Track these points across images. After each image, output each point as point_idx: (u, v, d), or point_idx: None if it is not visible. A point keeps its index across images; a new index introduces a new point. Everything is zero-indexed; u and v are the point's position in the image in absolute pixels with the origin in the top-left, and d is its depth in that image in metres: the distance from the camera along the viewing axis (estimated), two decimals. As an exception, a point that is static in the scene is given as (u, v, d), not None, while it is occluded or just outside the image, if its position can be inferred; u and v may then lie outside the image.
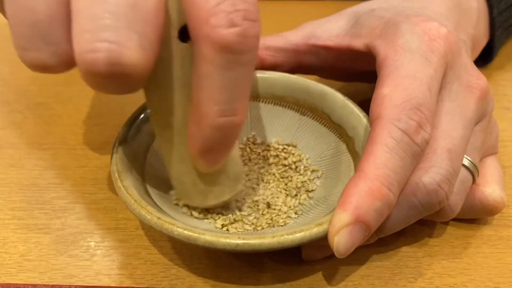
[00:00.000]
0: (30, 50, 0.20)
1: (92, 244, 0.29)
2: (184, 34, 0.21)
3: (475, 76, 0.28)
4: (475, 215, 0.30)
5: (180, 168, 0.26)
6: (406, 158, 0.24)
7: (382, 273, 0.28)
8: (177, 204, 0.28)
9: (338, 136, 0.30)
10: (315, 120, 0.32)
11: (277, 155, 0.32)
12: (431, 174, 0.25)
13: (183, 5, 0.20)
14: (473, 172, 0.28)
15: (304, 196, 0.29)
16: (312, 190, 0.30)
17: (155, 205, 0.26)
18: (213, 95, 0.21)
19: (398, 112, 0.25)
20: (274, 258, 0.28)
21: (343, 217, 0.23)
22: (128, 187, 0.25)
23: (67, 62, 0.20)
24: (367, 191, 0.23)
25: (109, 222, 0.30)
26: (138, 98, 0.39)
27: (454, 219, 0.29)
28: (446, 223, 0.30)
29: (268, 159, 0.31)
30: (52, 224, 0.30)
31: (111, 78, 0.19)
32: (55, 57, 0.20)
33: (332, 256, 0.24)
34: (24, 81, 0.40)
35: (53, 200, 0.31)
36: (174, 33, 0.21)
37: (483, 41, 0.37)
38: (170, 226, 0.23)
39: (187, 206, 0.28)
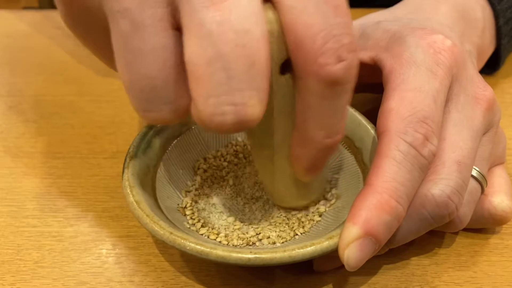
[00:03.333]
0: (151, 111, 0.22)
1: (104, 251, 0.30)
2: (284, 68, 0.22)
3: (481, 88, 0.28)
4: (483, 225, 0.30)
5: (276, 178, 0.27)
6: (414, 171, 0.25)
7: (389, 281, 0.28)
8: (185, 215, 0.29)
9: (346, 148, 0.31)
10: None
11: None
12: (440, 186, 0.25)
13: (288, 45, 0.21)
14: (482, 182, 0.28)
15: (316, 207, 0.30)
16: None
17: (166, 219, 0.26)
18: (320, 122, 0.22)
19: (404, 125, 0.25)
20: (285, 267, 0.29)
21: (353, 231, 0.23)
22: (140, 202, 0.26)
23: (183, 114, 0.22)
24: (376, 205, 0.24)
25: (120, 230, 0.31)
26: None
27: (462, 229, 0.29)
28: (454, 233, 0.30)
29: None
30: (65, 232, 0.31)
31: (234, 130, 0.20)
32: (174, 113, 0.22)
33: (342, 266, 0.24)
34: (38, 91, 0.41)
35: (66, 208, 0.32)
36: (276, 69, 0.22)
37: (489, 50, 0.37)
38: (182, 241, 0.24)
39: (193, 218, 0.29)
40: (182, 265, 0.29)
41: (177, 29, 0.20)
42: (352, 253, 0.23)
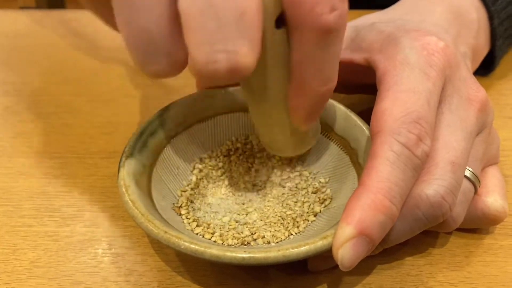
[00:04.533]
0: (150, 64, 0.22)
1: (100, 251, 0.30)
2: (278, 22, 0.23)
3: (474, 89, 0.28)
4: (477, 225, 0.30)
5: (275, 130, 0.28)
6: (407, 171, 0.25)
7: (384, 281, 0.28)
8: (180, 215, 0.29)
9: (341, 148, 0.31)
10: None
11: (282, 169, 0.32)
12: (434, 187, 0.25)
13: (286, 4, 0.22)
14: (475, 183, 0.28)
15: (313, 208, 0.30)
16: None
17: (161, 218, 0.26)
18: (317, 71, 0.23)
19: (397, 125, 0.25)
20: (279, 267, 0.29)
21: (347, 231, 0.24)
22: (135, 201, 0.26)
23: (182, 66, 0.23)
24: (370, 204, 0.24)
25: (116, 230, 0.31)
26: (146, 108, 0.40)
27: (456, 229, 0.29)
28: (448, 233, 0.31)
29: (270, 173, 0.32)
30: (61, 232, 0.31)
31: (226, 78, 0.21)
32: (172, 65, 0.22)
33: (337, 266, 0.24)
34: (35, 91, 0.41)
35: (62, 208, 0.32)
36: (271, 23, 0.23)
37: (484, 51, 0.37)
38: (176, 240, 0.24)
39: (188, 217, 0.29)
40: (178, 264, 0.29)
41: None
42: (346, 252, 0.24)
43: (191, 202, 0.30)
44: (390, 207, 0.24)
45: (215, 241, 0.28)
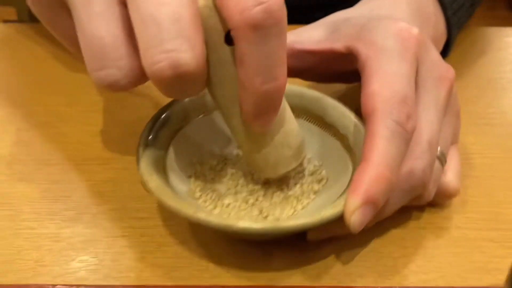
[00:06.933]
0: (101, 69, 0.24)
1: (101, 250, 0.31)
2: (230, 38, 0.25)
3: (445, 69, 0.32)
4: (434, 201, 0.34)
5: (250, 147, 0.30)
6: (401, 145, 0.28)
7: (363, 272, 0.31)
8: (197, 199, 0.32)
9: (331, 135, 0.34)
10: (309, 121, 0.35)
11: None
12: (417, 163, 0.29)
13: (219, 10, 0.24)
14: (443, 161, 0.32)
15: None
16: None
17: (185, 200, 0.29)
18: (255, 68, 0.25)
19: (389, 105, 0.29)
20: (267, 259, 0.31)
21: (356, 201, 0.27)
22: (161, 186, 0.28)
23: (135, 77, 0.25)
24: (374, 177, 0.27)
25: (115, 230, 0.33)
26: (137, 116, 0.41)
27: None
28: (420, 225, 0.33)
29: None
30: (62, 233, 0.32)
31: (176, 80, 0.23)
32: (123, 71, 0.24)
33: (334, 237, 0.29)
34: (29, 102, 0.43)
35: (62, 212, 0.34)
36: (221, 40, 0.25)
37: (442, 41, 0.42)
38: (205, 217, 0.27)
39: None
40: (175, 261, 0.31)
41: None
42: (356, 218, 0.27)
43: (204, 188, 0.33)
44: (390, 178, 0.28)
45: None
